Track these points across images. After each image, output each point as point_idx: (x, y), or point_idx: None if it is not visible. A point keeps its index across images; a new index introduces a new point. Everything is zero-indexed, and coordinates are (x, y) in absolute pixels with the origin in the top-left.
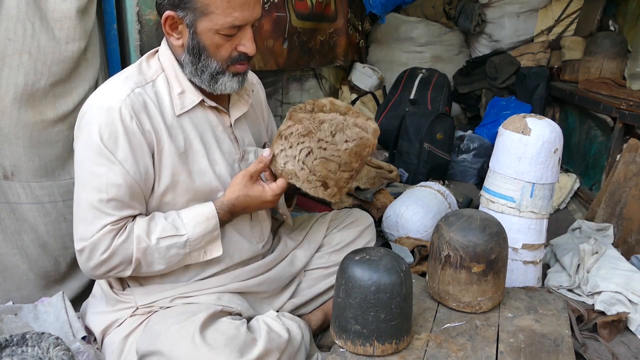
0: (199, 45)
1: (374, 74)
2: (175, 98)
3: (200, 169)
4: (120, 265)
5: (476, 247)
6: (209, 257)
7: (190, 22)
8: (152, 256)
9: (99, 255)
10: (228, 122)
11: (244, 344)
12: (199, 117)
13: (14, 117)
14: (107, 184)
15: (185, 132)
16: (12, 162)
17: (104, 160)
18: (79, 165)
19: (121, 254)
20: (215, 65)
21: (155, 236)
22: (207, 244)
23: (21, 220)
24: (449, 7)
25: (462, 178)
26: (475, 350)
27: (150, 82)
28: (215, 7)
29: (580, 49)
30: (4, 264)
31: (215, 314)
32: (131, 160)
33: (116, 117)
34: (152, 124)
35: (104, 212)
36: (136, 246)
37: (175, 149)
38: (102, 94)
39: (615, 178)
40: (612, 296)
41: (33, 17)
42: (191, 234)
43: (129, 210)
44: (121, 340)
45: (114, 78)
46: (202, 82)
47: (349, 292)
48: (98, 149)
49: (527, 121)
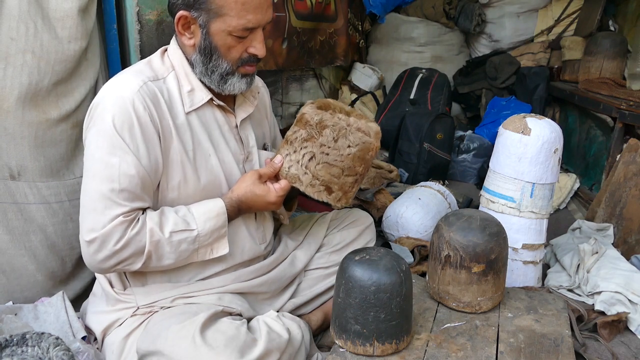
0: (211, 45)
1: (374, 74)
2: (185, 95)
3: (209, 168)
4: (131, 258)
5: (476, 247)
6: (215, 254)
7: (204, 23)
8: (163, 249)
9: (111, 246)
10: (234, 122)
11: (245, 344)
12: (207, 115)
13: (19, 116)
14: (119, 174)
15: (193, 131)
16: (19, 162)
17: (118, 150)
18: (91, 155)
19: (134, 246)
20: (225, 66)
21: (168, 229)
22: (215, 240)
23: (29, 221)
24: (449, 7)
25: (462, 178)
26: (475, 350)
27: (162, 79)
28: (229, 9)
29: (580, 49)
30: (12, 265)
31: (216, 314)
32: (144, 151)
33: (129, 106)
34: (162, 119)
35: (115, 202)
36: (149, 239)
37: (182, 147)
38: (115, 85)
39: (615, 178)
40: (612, 296)
41: (35, 16)
42: (202, 229)
43: (140, 202)
44: (121, 340)
45: (125, 71)
46: (211, 82)
47: (349, 292)
48: (112, 139)
49: (527, 121)
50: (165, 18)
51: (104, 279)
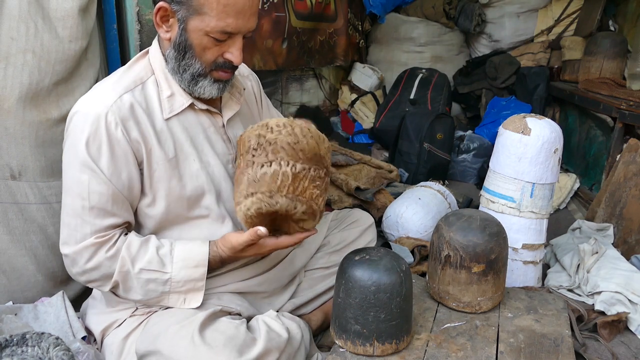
0: (186, 42)
1: (374, 74)
2: (164, 101)
3: (192, 173)
4: (100, 280)
5: (476, 247)
6: (186, 306)
7: (182, 18)
8: (131, 282)
9: (82, 264)
10: (220, 122)
11: (244, 343)
12: (189, 119)
13: (20, 116)
14: (89, 192)
15: (174, 136)
16: (19, 162)
17: (87, 169)
18: (64, 170)
19: (103, 270)
20: (198, 67)
21: (139, 265)
22: (188, 291)
23: (30, 221)
24: (449, 7)
25: (462, 178)
26: (475, 350)
27: (140, 85)
28: (210, 9)
29: (580, 49)
30: (12, 266)
31: (215, 313)
32: (113, 169)
33: (102, 124)
34: (140, 131)
35: (85, 221)
36: (119, 268)
37: (164, 154)
38: (90, 99)
39: (615, 178)
40: (612, 296)
41: (35, 16)
42: (175, 275)
43: (112, 218)
44: (121, 340)
45: (103, 82)
46: (182, 81)
47: (349, 292)
48: (82, 157)
49: (527, 121)
50: None
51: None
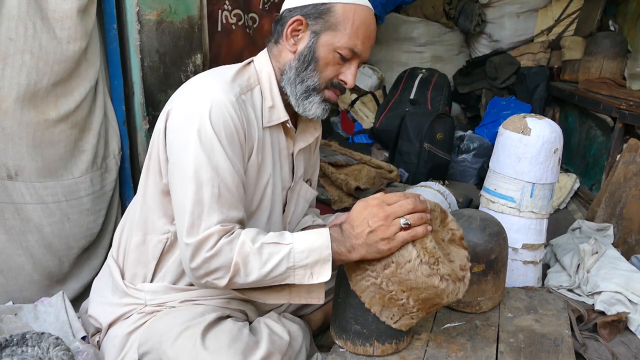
0: (313, 55)
1: (374, 74)
2: (266, 110)
3: (261, 186)
4: (219, 271)
5: (476, 247)
6: (315, 280)
7: (316, 31)
8: (252, 263)
9: (204, 252)
10: (291, 149)
11: (247, 346)
12: (275, 135)
13: (17, 117)
14: (219, 180)
15: (265, 146)
16: (16, 162)
17: (219, 157)
18: (185, 156)
19: (224, 255)
20: (315, 80)
21: (259, 241)
22: (314, 263)
23: (26, 221)
24: (449, 7)
25: (462, 178)
26: (475, 350)
27: (249, 92)
28: (344, 27)
29: (580, 49)
30: (9, 265)
31: (220, 316)
32: (240, 159)
33: (230, 112)
34: (251, 132)
35: (213, 209)
36: (238, 249)
37: (257, 160)
38: (215, 90)
39: (615, 178)
40: (612, 296)
41: (34, 17)
42: (297, 244)
43: (235, 211)
44: (125, 335)
45: (219, 77)
46: (293, 93)
47: (349, 292)
48: (212, 144)
49: (527, 121)
50: (165, 18)
51: (115, 266)
